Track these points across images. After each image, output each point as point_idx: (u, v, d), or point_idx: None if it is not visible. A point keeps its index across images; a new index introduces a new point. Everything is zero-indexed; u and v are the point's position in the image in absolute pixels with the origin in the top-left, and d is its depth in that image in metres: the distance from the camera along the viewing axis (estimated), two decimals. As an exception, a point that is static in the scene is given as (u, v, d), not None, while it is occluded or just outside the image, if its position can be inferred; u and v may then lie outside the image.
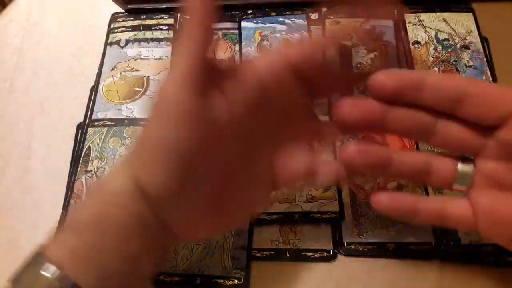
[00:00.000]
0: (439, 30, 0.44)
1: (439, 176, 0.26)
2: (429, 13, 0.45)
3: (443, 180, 0.26)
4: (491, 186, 0.25)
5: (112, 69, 0.45)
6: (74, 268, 0.22)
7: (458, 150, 0.25)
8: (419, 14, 0.46)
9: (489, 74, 0.41)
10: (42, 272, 0.22)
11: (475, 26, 0.44)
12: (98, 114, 0.42)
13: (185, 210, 0.24)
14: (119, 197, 0.24)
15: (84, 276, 0.22)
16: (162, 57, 0.45)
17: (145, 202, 0.23)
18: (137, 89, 0.43)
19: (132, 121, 0.41)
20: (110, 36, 0.47)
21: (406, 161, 0.26)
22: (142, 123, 0.27)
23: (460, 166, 0.25)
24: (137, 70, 0.45)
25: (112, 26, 0.48)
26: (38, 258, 0.23)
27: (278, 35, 0.45)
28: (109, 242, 0.23)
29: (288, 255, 0.34)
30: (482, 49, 0.42)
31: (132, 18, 0.48)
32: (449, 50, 0.43)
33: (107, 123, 0.41)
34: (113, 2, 0.47)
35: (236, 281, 0.33)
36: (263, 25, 0.46)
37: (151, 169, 0.23)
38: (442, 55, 0.43)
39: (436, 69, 0.42)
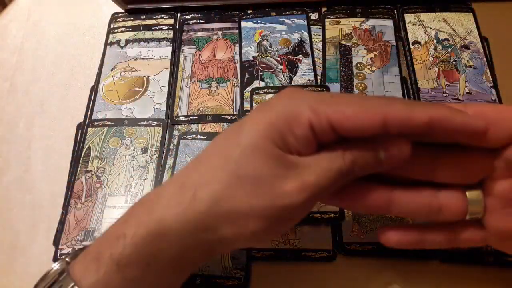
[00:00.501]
0: (439, 30, 0.44)
1: (450, 210, 0.25)
2: (429, 13, 0.45)
3: (455, 213, 0.25)
4: (503, 206, 0.24)
5: (112, 69, 0.45)
6: None
7: (468, 179, 0.25)
8: (419, 14, 0.46)
9: (489, 74, 0.41)
10: None
11: (475, 26, 0.44)
12: (98, 114, 0.42)
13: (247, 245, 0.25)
14: (176, 236, 0.23)
15: None
16: (162, 57, 0.45)
17: (203, 241, 0.23)
18: (137, 89, 0.43)
19: (132, 121, 0.41)
20: (110, 36, 0.47)
21: (408, 201, 0.25)
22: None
23: (468, 194, 0.25)
24: (137, 70, 0.45)
25: (112, 26, 0.48)
26: (64, 280, 0.23)
27: (278, 35, 0.46)
28: (152, 277, 0.23)
29: (288, 255, 0.34)
30: (482, 49, 0.42)
31: (132, 18, 0.48)
32: (449, 50, 0.43)
33: (107, 123, 0.41)
34: (113, 2, 0.47)
35: (236, 281, 0.33)
36: (263, 25, 0.46)
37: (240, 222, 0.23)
38: (442, 55, 0.43)
39: (436, 69, 0.42)
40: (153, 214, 0.23)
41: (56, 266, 0.24)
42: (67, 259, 0.25)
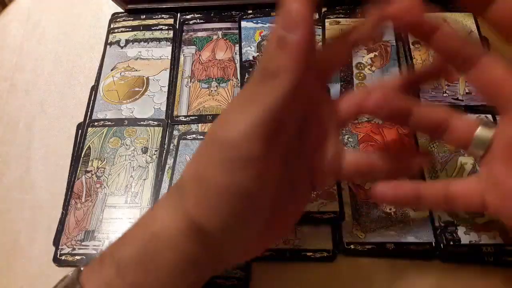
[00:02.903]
0: (439, 30, 0.44)
1: (456, 134, 0.24)
2: (429, 13, 0.45)
3: (458, 139, 0.25)
4: (509, 157, 0.23)
5: (112, 69, 0.45)
6: None
7: (490, 95, 0.24)
8: (419, 14, 0.45)
9: (489, 74, 0.41)
10: None
11: (475, 26, 0.44)
12: (98, 114, 0.42)
13: (241, 241, 0.24)
14: (170, 237, 0.22)
15: None
16: (162, 57, 0.45)
17: (199, 241, 0.22)
18: (137, 89, 0.43)
19: (132, 121, 0.41)
20: (110, 36, 0.47)
21: (425, 116, 0.25)
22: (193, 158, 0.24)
23: (479, 129, 0.24)
24: (137, 70, 0.45)
25: (112, 26, 0.48)
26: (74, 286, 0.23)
27: (278, 35, 0.45)
28: (153, 282, 0.22)
29: (288, 255, 0.34)
30: (482, 49, 0.42)
31: (132, 18, 0.48)
32: (449, 50, 0.43)
33: (107, 123, 0.41)
34: (113, 2, 0.47)
35: (236, 281, 0.33)
36: (263, 25, 0.46)
37: (213, 209, 0.22)
38: (442, 55, 0.43)
39: (436, 69, 0.42)
40: (152, 216, 0.23)
41: (71, 272, 0.24)
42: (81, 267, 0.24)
